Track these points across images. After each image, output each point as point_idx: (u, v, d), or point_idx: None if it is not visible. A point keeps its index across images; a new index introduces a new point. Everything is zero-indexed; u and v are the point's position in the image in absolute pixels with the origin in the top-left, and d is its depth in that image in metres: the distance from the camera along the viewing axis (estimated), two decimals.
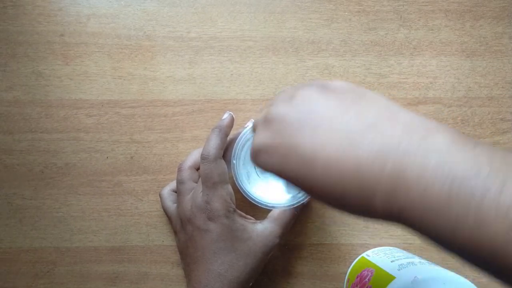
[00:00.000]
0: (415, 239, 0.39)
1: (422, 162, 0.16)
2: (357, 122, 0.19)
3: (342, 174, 0.19)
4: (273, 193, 0.36)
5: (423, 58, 0.41)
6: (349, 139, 0.19)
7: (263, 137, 0.23)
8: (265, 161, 0.22)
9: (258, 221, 0.35)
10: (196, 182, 0.36)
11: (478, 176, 0.15)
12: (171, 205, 0.37)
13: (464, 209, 0.15)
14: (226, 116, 0.35)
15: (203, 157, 0.33)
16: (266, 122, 0.23)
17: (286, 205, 0.35)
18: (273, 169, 0.22)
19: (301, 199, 0.35)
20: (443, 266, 0.35)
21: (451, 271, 0.31)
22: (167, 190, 0.38)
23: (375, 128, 0.19)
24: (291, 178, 0.21)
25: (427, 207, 0.16)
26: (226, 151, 0.35)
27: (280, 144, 0.21)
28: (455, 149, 0.16)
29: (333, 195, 0.19)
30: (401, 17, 0.41)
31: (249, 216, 0.36)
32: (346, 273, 0.38)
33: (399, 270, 0.31)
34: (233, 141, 0.35)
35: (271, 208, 0.35)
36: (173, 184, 0.38)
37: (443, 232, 0.16)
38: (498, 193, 0.15)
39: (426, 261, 0.34)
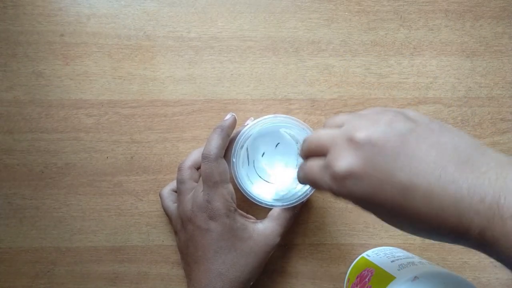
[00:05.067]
0: (415, 239, 0.39)
1: None
2: (454, 154, 0.20)
3: (443, 205, 0.19)
4: (273, 192, 0.36)
5: (423, 58, 0.41)
6: (448, 171, 0.19)
7: (352, 161, 0.21)
8: (353, 188, 0.21)
9: (259, 220, 0.35)
10: (197, 182, 0.36)
11: None
12: (171, 204, 0.37)
13: None
14: (228, 117, 0.35)
15: (205, 157, 0.33)
16: (353, 143, 0.21)
17: (286, 204, 0.35)
18: (362, 197, 0.21)
19: (301, 198, 0.35)
20: (443, 266, 0.35)
21: (451, 271, 0.31)
22: (167, 190, 0.38)
23: (470, 163, 0.19)
24: (384, 206, 0.21)
25: None
26: (226, 151, 0.35)
27: (373, 170, 0.21)
28: None
29: (430, 224, 0.20)
30: (401, 17, 0.41)
31: (249, 216, 0.36)
32: (346, 273, 0.38)
33: (399, 270, 0.31)
34: (233, 140, 0.35)
35: (270, 207, 0.35)
36: (173, 184, 0.38)
37: None
38: None
39: (426, 261, 0.34)
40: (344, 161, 0.21)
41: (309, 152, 0.25)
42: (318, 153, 0.24)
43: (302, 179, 0.26)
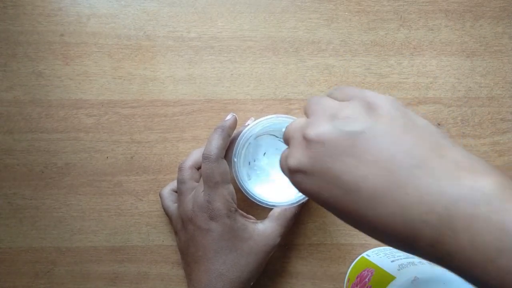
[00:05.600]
0: None
1: (472, 210, 0.16)
2: (407, 157, 0.18)
3: (388, 211, 0.18)
4: (273, 192, 0.36)
5: (423, 58, 0.41)
6: (396, 175, 0.18)
7: (301, 158, 0.21)
8: (301, 182, 0.22)
9: (259, 220, 0.35)
10: (197, 182, 0.36)
11: None
12: (171, 204, 0.37)
13: None
14: (229, 117, 0.35)
15: (205, 157, 0.33)
16: (305, 141, 0.21)
17: (286, 204, 0.35)
18: (310, 192, 0.21)
19: (301, 198, 0.35)
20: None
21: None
22: (167, 190, 0.38)
23: (425, 167, 0.18)
24: (329, 205, 0.21)
25: (476, 256, 0.16)
26: (227, 151, 0.35)
27: (321, 169, 0.20)
28: (504, 196, 0.16)
29: (374, 228, 0.19)
30: (401, 17, 0.41)
31: (250, 216, 0.36)
32: (346, 273, 0.38)
33: (399, 270, 0.31)
34: (234, 140, 0.35)
35: (271, 207, 0.35)
36: (173, 184, 0.38)
37: (492, 282, 0.15)
38: None
39: (426, 261, 0.34)
40: (295, 157, 0.22)
41: (284, 142, 0.26)
42: (288, 144, 0.24)
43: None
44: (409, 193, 0.17)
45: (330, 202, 0.20)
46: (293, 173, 0.22)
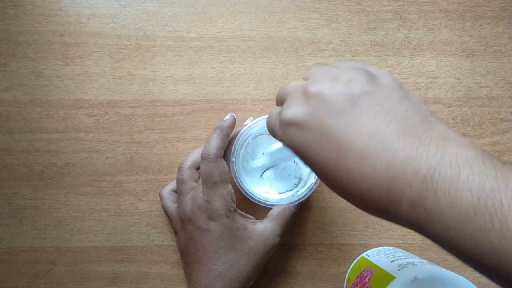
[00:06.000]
0: (415, 239, 0.39)
1: (454, 174, 0.17)
2: (399, 124, 0.19)
3: (375, 170, 0.19)
4: (272, 191, 0.36)
5: (423, 58, 0.41)
6: (387, 139, 0.19)
7: (298, 111, 0.22)
8: (294, 136, 0.22)
9: (258, 220, 0.35)
10: (197, 182, 0.36)
11: (506, 190, 0.16)
12: (171, 204, 0.37)
13: (489, 221, 0.16)
14: (228, 117, 0.35)
15: (204, 157, 0.33)
16: (305, 95, 0.22)
17: (285, 203, 0.35)
18: (300, 147, 0.22)
19: (300, 197, 0.35)
20: (443, 266, 0.35)
21: (451, 271, 0.31)
22: (167, 190, 0.38)
23: (415, 135, 0.19)
24: (316, 161, 0.21)
25: (454, 217, 0.17)
26: (226, 151, 0.35)
27: (316, 123, 0.21)
28: (485, 164, 0.17)
29: (359, 189, 0.19)
30: (401, 17, 0.41)
31: (249, 216, 0.36)
32: (346, 273, 0.38)
33: (399, 270, 0.31)
34: (232, 139, 0.35)
35: (270, 207, 0.35)
36: (173, 184, 0.38)
37: (466, 243, 0.16)
38: None
39: (426, 261, 0.34)
40: (292, 109, 0.22)
41: (277, 101, 0.26)
42: (282, 103, 0.24)
43: (267, 127, 0.26)
44: (397, 156, 0.18)
45: (319, 158, 0.21)
46: (286, 126, 0.22)
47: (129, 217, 0.39)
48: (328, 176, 0.21)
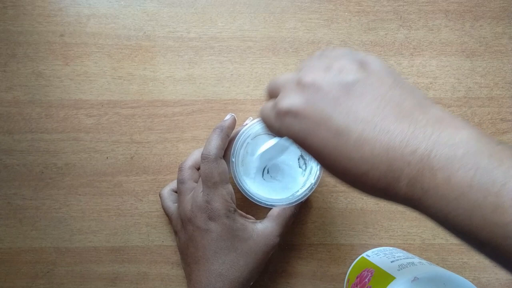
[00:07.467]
0: (415, 239, 0.39)
1: (450, 152, 0.18)
2: (394, 108, 0.20)
3: (373, 152, 0.19)
4: (272, 191, 0.36)
5: (423, 58, 0.41)
6: (384, 123, 0.20)
7: (295, 100, 0.22)
8: (291, 125, 0.22)
9: (258, 220, 0.35)
10: (197, 182, 0.36)
11: (500, 167, 0.17)
12: (171, 205, 0.37)
13: (483, 195, 0.16)
14: (228, 117, 0.35)
15: (204, 157, 0.33)
16: (300, 85, 0.22)
17: (285, 203, 0.35)
18: (298, 135, 0.22)
19: (300, 197, 0.35)
20: (443, 266, 0.35)
21: (451, 271, 0.31)
22: (167, 190, 0.38)
23: (411, 117, 0.20)
24: (316, 148, 0.21)
25: (449, 193, 0.17)
26: (226, 151, 0.35)
27: (312, 111, 0.21)
28: (480, 143, 0.18)
29: (359, 171, 0.20)
30: (401, 17, 0.41)
31: (249, 216, 0.36)
32: (346, 273, 0.38)
33: (399, 270, 0.31)
34: (232, 139, 0.35)
35: (270, 207, 0.35)
36: (173, 184, 0.38)
37: (460, 217, 0.17)
38: None
39: (426, 261, 0.34)
40: (288, 99, 0.23)
41: (269, 94, 0.27)
42: (275, 95, 0.25)
43: (262, 120, 0.26)
44: (394, 138, 0.19)
45: (318, 145, 0.21)
46: (283, 116, 0.23)
47: (129, 218, 0.39)
48: (328, 161, 0.21)
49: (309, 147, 0.22)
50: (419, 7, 0.41)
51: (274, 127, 0.24)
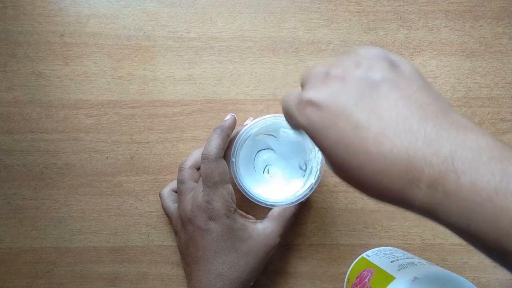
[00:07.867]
0: (415, 239, 0.39)
1: (475, 156, 0.17)
2: (419, 110, 0.20)
3: (393, 150, 0.19)
4: (272, 191, 0.36)
5: (423, 58, 0.41)
6: (407, 122, 0.19)
7: (319, 91, 0.22)
8: (311, 115, 0.22)
9: (259, 220, 0.35)
10: (197, 182, 0.36)
11: None
12: (171, 205, 0.37)
13: (510, 201, 0.16)
14: (228, 117, 0.35)
15: (204, 157, 0.33)
16: (327, 77, 0.22)
17: (285, 203, 0.35)
18: (315, 125, 0.22)
19: (300, 197, 0.35)
20: (443, 266, 0.35)
21: (451, 271, 0.31)
22: (167, 190, 0.38)
23: (434, 120, 0.19)
24: (331, 140, 0.21)
25: (475, 196, 0.17)
26: (226, 151, 0.35)
27: (335, 103, 0.21)
28: (505, 150, 0.17)
29: (375, 168, 0.19)
30: (401, 17, 0.41)
31: (249, 216, 0.36)
32: (346, 273, 0.38)
33: (399, 270, 0.31)
34: (232, 139, 0.35)
35: (270, 207, 0.35)
36: (173, 184, 0.38)
37: (485, 224, 0.17)
38: None
39: (426, 261, 0.34)
40: (312, 90, 0.22)
41: (300, 84, 0.26)
42: (304, 85, 0.25)
43: (282, 108, 0.26)
44: (417, 138, 0.18)
45: (334, 137, 0.21)
46: (304, 105, 0.22)
47: (129, 218, 0.39)
48: (343, 155, 0.21)
49: (325, 139, 0.21)
50: (419, 7, 0.41)
51: (293, 116, 0.24)
